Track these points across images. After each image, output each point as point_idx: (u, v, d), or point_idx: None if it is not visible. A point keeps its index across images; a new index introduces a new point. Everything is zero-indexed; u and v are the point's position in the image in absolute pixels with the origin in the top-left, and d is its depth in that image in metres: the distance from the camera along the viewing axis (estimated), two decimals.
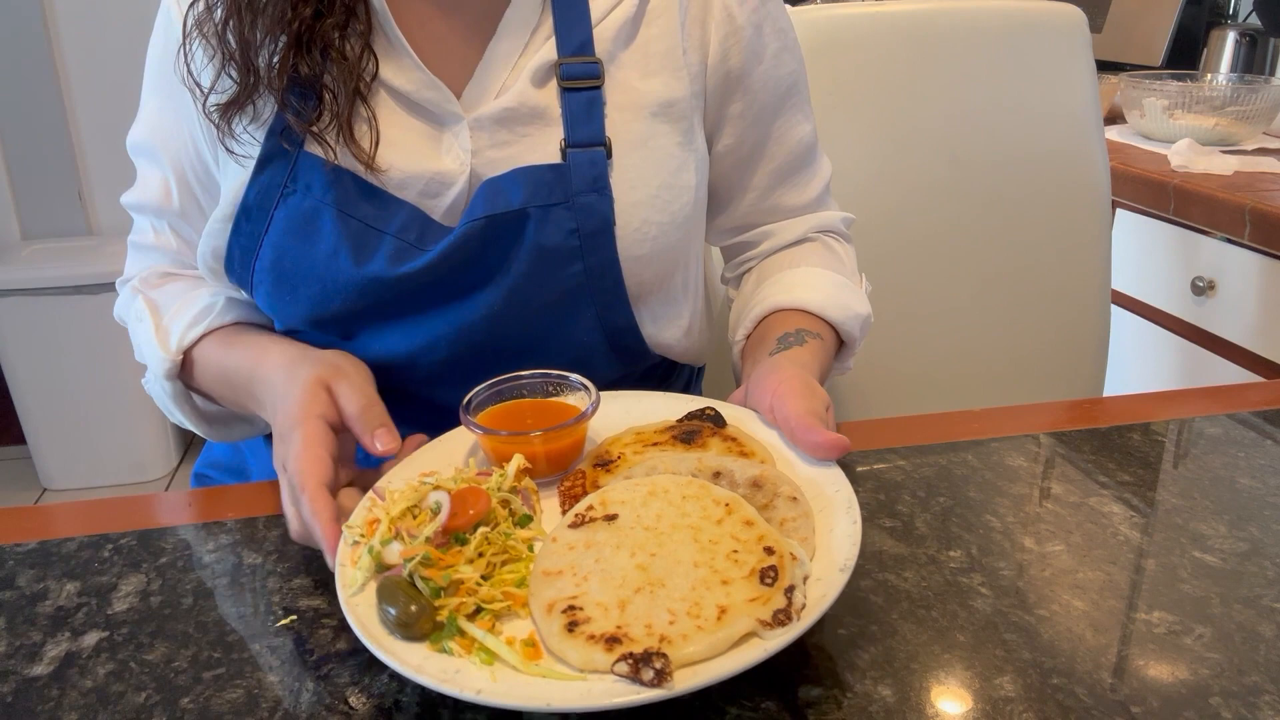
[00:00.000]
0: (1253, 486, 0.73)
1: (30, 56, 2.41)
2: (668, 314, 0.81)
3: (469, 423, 0.64)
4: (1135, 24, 2.15)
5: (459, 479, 0.60)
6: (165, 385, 0.80)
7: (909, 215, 1.23)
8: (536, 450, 0.63)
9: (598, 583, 0.52)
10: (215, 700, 0.52)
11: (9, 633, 0.58)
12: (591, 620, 0.49)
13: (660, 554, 0.53)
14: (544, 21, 0.75)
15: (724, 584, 0.51)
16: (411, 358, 0.76)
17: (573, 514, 0.57)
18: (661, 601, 0.50)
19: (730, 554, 0.53)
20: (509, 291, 0.73)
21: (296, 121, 0.71)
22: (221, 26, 0.71)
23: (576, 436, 0.65)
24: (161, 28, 0.78)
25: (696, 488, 0.58)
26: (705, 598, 0.50)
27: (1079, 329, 1.31)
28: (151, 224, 0.84)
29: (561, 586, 0.52)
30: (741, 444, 0.63)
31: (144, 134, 0.81)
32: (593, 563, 0.53)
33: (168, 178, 0.81)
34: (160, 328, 0.80)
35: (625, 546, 0.54)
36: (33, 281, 2.31)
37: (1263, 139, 1.80)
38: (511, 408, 0.69)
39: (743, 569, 0.52)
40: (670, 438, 0.65)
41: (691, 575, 0.52)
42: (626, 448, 0.65)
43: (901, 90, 1.22)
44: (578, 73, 0.74)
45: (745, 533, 0.54)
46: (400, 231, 0.73)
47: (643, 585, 0.51)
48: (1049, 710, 0.50)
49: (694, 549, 0.53)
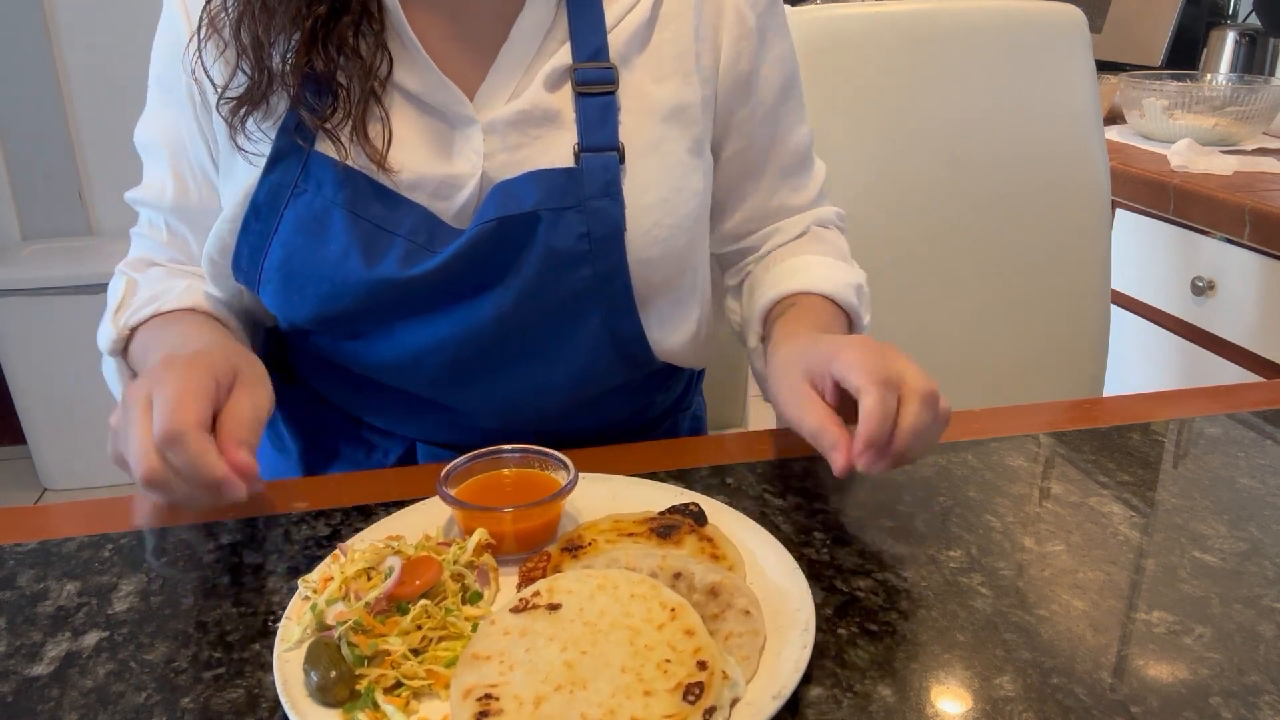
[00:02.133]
0: (1253, 486, 0.73)
1: (30, 56, 2.41)
2: (675, 317, 0.81)
3: (443, 492, 0.63)
4: (1135, 24, 2.15)
5: (421, 546, 0.59)
6: (110, 363, 0.80)
7: (909, 215, 1.23)
8: (505, 528, 0.62)
9: (522, 674, 0.50)
10: (215, 700, 0.52)
11: (9, 633, 0.58)
12: (504, 714, 0.48)
13: (591, 652, 0.52)
14: (558, 25, 0.75)
15: (646, 694, 0.49)
16: (418, 357, 0.76)
17: (518, 597, 0.56)
18: (578, 704, 0.49)
19: (662, 663, 0.51)
20: (518, 294, 0.73)
21: (310, 117, 0.71)
22: (236, 24, 0.71)
23: (549, 516, 0.64)
24: (166, 25, 0.78)
25: (647, 587, 0.55)
26: (623, 707, 0.48)
27: (1079, 329, 1.31)
28: (149, 217, 0.85)
29: (485, 673, 0.51)
30: (716, 545, 0.61)
31: (146, 130, 0.82)
32: (523, 652, 0.52)
33: (164, 174, 0.81)
34: (123, 306, 0.80)
35: (559, 639, 0.52)
36: (33, 281, 2.31)
37: (1262, 139, 1.80)
38: (493, 479, 0.67)
39: (669, 681, 0.49)
40: (648, 529, 0.63)
41: (616, 680, 0.50)
42: (601, 534, 0.63)
43: (901, 90, 1.22)
44: (593, 78, 0.74)
45: (683, 643, 0.52)
46: (411, 233, 0.73)
47: (564, 683, 0.50)
48: (1049, 710, 0.50)
49: (627, 652, 0.51)
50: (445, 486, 0.63)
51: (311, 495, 0.72)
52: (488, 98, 0.74)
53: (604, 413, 0.85)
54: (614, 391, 0.83)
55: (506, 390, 0.78)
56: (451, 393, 0.79)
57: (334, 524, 0.68)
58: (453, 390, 0.79)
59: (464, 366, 0.76)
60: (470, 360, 0.76)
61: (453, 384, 0.78)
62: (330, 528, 0.68)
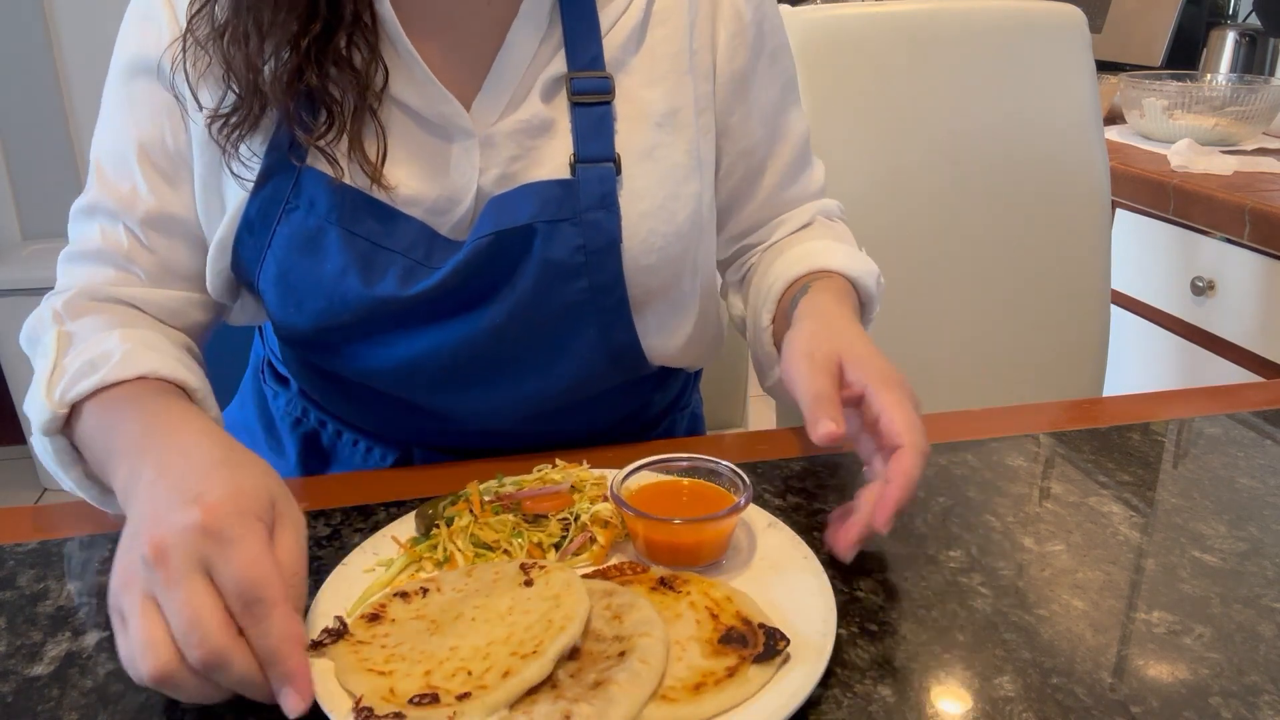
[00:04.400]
0: (1253, 486, 0.73)
1: (30, 57, 2.41)
2: (672, 322, 0.80)
3: (614, 495, 0.62)
4: (1135, 24, 2.15)
5: (577, 484, 0.67)
6: (46, 443, 0.64)
7: (908, 215, 1.23)
8: (673, 539, 0.60)
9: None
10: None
11: (9, 633, 0.58)
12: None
13: (464, 618, 0.55)
14: (553, 31, 0.73)
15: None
16: (413, 367, 0.76)
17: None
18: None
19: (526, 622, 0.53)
20: (513, 306, 0.72)
21: (302, 135, 0.69)
22: (223, 42, 0.68)
23: (712, 534, 0.61)
24: (137, 26, 0.74)
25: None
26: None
27: (1079, 329, 1.31)
28: (102, 226, 0.75)
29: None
30: (714, 598, 0.57)
31: (113, 132, 0.75)
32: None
33: (135, 178, 0.74)
34: (56, 369, 0.65)
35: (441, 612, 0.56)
36: (33, 281, 2.31)
37: (1262, 139, 1.80)
38: (669, 487, 0.66)
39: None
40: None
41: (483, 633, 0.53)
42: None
43: (901, 90, 1.22)
44: (589, 88, 0.73)
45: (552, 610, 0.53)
46: (409, 250, 0.71)
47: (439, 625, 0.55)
48: (1049, 710, 0.50)
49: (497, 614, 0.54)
50: (618, 491, 0.62)
51: (311, 495, 0.72)
52: (484, 107, 0.73)
53: (602, 414, 0.85)
54: (611, 393, 0.82)
55: (502, 397, 0.78)
56: (446, 400, 0.79)
57: (334, 524, 0.68)
58: (447, 397, 0.78)
59: (459, 375, 0.76)
60: (465, 369, 0.76)
61: (447, 392, 0.78)
62: (330, 528, 0.68)
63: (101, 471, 0.63)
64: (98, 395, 0.63)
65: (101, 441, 0.62)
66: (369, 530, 0.66)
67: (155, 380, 0.64)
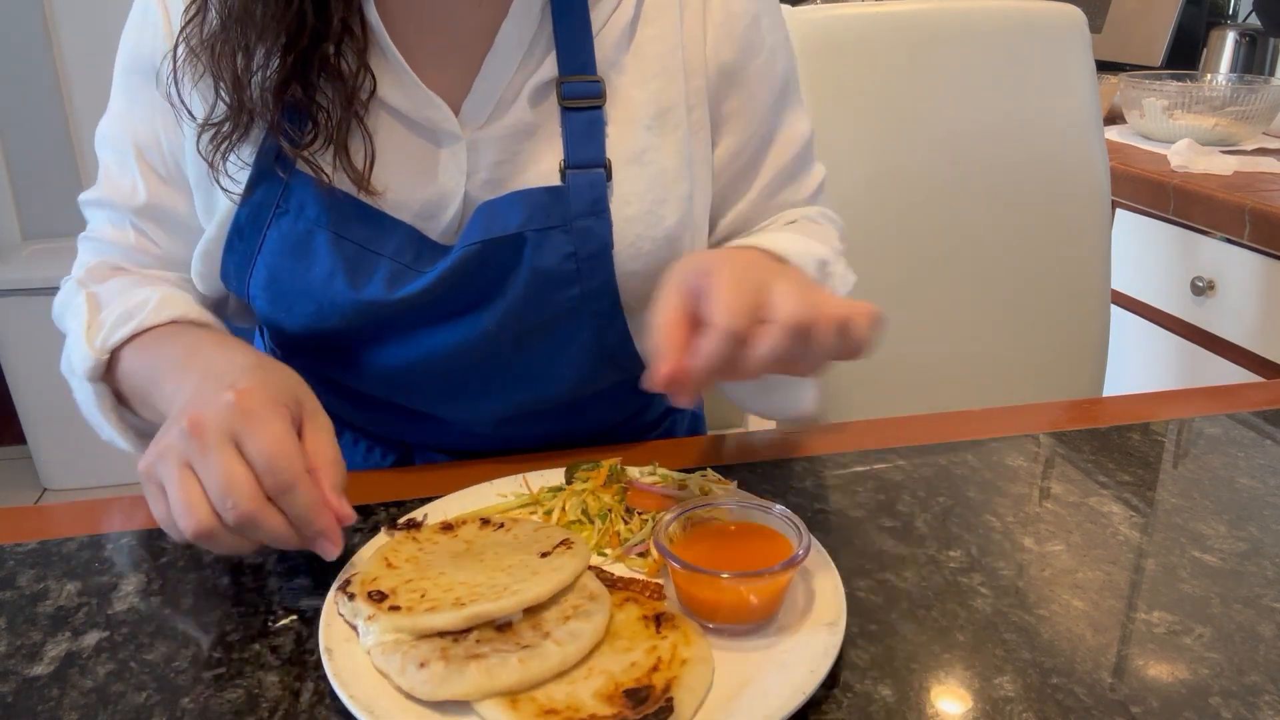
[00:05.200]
0: (1253, 486, 0.73)
1: (30, 56, 2.41)
2: None
3: (663, 549, 0.56)
4: (1135, 24, 2.15)
5: (696, 489, 0.67)
6: (89, 389, 0.71)
7: (908, 215, 1.23)
8: (740, 598, 0.54)
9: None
10: (215, 700, 0.52)
11: (9, 633, 0.58)
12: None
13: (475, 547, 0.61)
14: (542, 33, 0.72)
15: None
16: (407, 372, 0.75)
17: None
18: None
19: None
20: (505, 312, 0.72)
21: (289, 147, 0.69)
22: (213, 55, 0.68)
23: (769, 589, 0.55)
24: (141, 16, 0.75)
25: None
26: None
27: (1079, 329, 1.31)
28: (109, 218, 0.79)
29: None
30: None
31: (112, 126, 0.78)
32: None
33: (133, 173, 0.77)
34: (93, 324, 0.72)
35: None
36: (33, 281, 2.31)
37: (1262, 139, 1.80)
38: (714, 530, 0.60)
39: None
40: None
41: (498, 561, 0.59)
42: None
43: (901, 90, 1.22)
44: (579, 92, 0.72)
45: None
46: (396, 254, 0.71)
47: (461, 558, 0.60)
48: (1049, 710, 0.51)
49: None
50: (661, 540, 0.57)
51: None
52: (472, 111, 0.72)
53: (601, 414, 0.84)
54: (610, 393, 0.82)
55: (498, 401, 0.78)
56: (442, 404, 0.79)
57: None
58: (443, 402, 0.78)
59: (454, 380, 0.76)
60: (459, 375, 0.75)
61: (443, 396, 0.78)
62: None
63: (144, 403, 0.69)
64: (136, 339, 0.70)
65: (146, 373, 0.68)
66: (369, 530, 0.66)
67: (187, 322, 0.72)
